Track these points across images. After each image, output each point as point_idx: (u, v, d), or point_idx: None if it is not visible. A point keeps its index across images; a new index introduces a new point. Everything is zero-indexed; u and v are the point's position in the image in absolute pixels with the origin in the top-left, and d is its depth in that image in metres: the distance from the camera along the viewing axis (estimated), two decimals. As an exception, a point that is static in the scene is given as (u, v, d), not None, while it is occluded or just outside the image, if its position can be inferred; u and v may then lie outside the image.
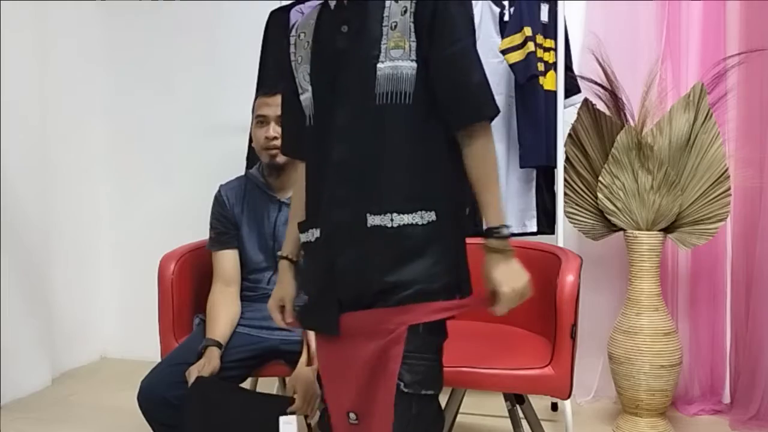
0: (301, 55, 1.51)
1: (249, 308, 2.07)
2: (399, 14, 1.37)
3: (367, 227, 1.36)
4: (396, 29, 1.37)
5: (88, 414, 2.91)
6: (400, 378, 1.35)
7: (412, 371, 1.35)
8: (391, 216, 1.35)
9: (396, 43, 1.36)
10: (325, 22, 1.47)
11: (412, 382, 1.35)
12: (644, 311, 2.51)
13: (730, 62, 2.64)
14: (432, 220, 1.37)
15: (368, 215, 1.36)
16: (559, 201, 2.59)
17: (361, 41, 1.39)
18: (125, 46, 3.61)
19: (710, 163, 2.49)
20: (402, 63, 1.36)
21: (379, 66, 1.36)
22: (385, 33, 1.37)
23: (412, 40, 1.36)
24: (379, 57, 1.37)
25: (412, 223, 1.36)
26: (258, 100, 2.10)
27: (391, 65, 1.36)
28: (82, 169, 3.58)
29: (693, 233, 2.53)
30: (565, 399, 1.98)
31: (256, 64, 2.88)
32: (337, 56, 1.42)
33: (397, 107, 1.36)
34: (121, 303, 3.70)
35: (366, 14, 1.39)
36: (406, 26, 1.36)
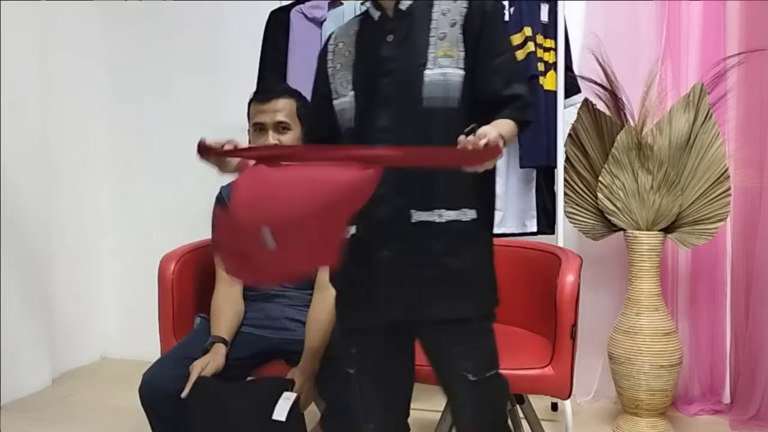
0: (340, 62, 1.59)
1: (250, 308, 2.08)
2: (448, 26, 1.49)
3: (411, 223, 1.45)
4: (445, 40, 1.48)
5: (88, 414, 2.91)
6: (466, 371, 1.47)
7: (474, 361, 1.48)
8: (440, 212, 1.45)
9: (445, 52, 1.47)
10: (369, 32, 1.57)
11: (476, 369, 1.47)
12: (644, 311, 2.51)
13: (730, 62, 2.64)
14: (473, 217, 1.48)
15: (413, 211, 1.45)
16: (559, 201, 2.59)
17: (408, 49, 1.50)
18: (126, 47, 3.61)
19: (710, 163, 2.49)
20: (451, 70, 1.46)
21: (427, 72, 1.46)
22: (432, 43, 1.48)
23: (460, 50, 1.47)
24: (427, 64, 1.47)
25: (457, 219, 1.46)
26: (253, 107, 2.08)
27: (440, 72, 1.46)
28: (83, 169, 3.58)
29: (693, 233, 2.53)
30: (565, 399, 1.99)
31: (256, 64, 2.88)
32: (382, 63, 1.51)
33: (443, 111, 1.46)
34: (121, 303, 3.70)
35: (412, 25, 1.51)
36: (456, 37, 1.48)
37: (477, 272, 1.49)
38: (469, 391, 1.48)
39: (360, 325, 1.55)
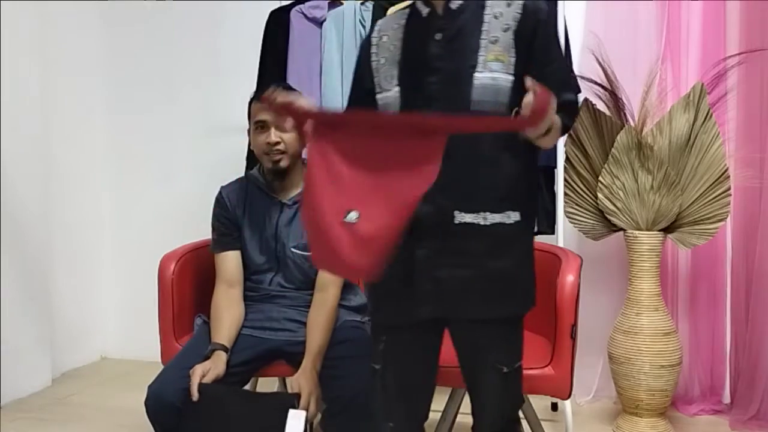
0: (385, 56, 1.58)
1: (251, 309, 2.07)
2: (500, 30, 1.47)
3: (455, 223, 1.46)
4: (496, 44, 1.47)
5: (88, 414, 2.91)
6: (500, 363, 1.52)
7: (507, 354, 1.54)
8: (484, 215, 1.46)
9: (496, 56, 1.46)
10: (416, 28, 1.56)
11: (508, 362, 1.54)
12: (644, 311, 2.51)
13: (730, 62, 2.64)
14: (517, 220, 1.49)
15: (456, 212, 1.46)
16: (559, 201, 2.59)
17: (457, 50, 1.49)
18: (126, 47, 3.61)
19: (710, 163, 2.49)
20: (500, 75, 1.46)
21: (477, 76, 1.46)
22: (483, 46, 1.47)
23: (512, 55, 1.47)
24: (476, 67, 1.46)
25: (501, 222, 1.47)
26: (254, 105, 2.08)
27: (489, 76, 1.45)
28: (83, 170, 3.58)
29: (693, 233, 2.53)
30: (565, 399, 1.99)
31: (256, 64, 2.88)
32: (429, 61, 1.50)
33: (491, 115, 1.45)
34: (121, 303, 3.70)
35: (462, 26, 1.50)
36: (508, 42, 1.47)
37: (518, 275, 1.52)
38: (499, 382, 1.54)
39: (393, 321, 1.56)
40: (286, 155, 2.03)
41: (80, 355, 3.57)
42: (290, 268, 2.07)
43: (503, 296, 1.50)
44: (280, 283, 2.08)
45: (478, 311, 1.49)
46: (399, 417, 1.61)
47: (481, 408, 1.60)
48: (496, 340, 1.52)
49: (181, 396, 1.83)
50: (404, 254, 1.46)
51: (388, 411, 1.61)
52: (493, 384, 1.55)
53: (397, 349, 1.58)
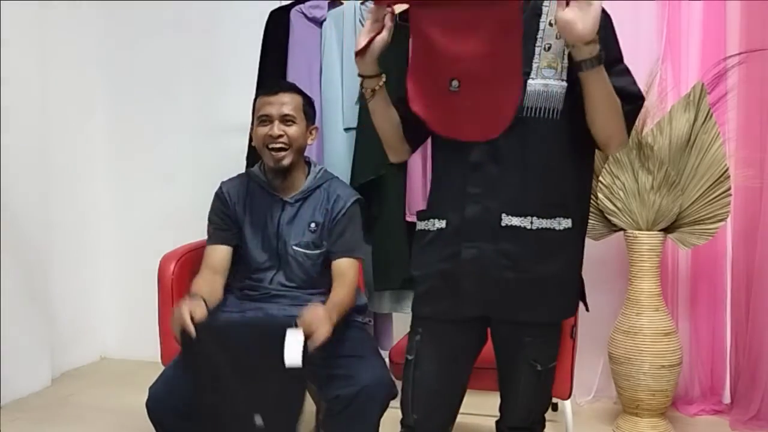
0: None
1: (250, 307, 2.07)
2: (554, 37, 1.46)
3: (501, 226, 1.46)
4: (550, 50, 1.46)
5: (88, 414, 2.91)
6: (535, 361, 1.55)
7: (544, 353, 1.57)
8: (531, 219, 1.46)
9: (549, 63, 1.46)
10: None
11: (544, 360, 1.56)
12: (644, 311, 2.51)
13: (731, 62, 2.64)
14: (568, 227, 1.49)
15: (503, 215, 1.46)
16: (559, 201, 2.59)
17: None
18: (125, 47, 3.61)
19: (710, 163, 2.49)
20: (553, 82, 1.45)
21: (530, 82, 1.45)
22: (537, 53, 1.46)
23: (564, 62, 1.45)
24: (530, 74, 1.45)
25: (550, 227, 1.47)
26: (260, 99, 2.07)
27: (542, 83, 1.45)
28: (82, 169, 3.58)
29: (693, 233, 2.53)
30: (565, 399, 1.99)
31: (256, 64, 2.87)
32: None
33: (545, 121, 1.45)
34: (121, 303, 3.70)
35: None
36: (560, 49, 1.46)
37: (563, 281, 1.52)
38: (532, 379, 1.57)
39: (434, 316, 1.57)
40: (289, 151, 2.02)
41: (80, 355, 3.57)
42: (291, 267, 2.07)
43: (548, 302, 1.51)
44: (280, 282, 2.08)
45: (522, 314, 1.51)
46: (424, 410, 1.61)
47: (512, 404, 1.62)
48: (536, 339, 1.55)
49: (182, 398, 1.82)
50: (451, 252, 1.49)
51: (415, 403, 1.61)
52: (526, 381, 1.57)
53: (431, 343, 1.59)
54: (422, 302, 1.60)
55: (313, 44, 2.76)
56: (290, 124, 2.03)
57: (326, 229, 2.06)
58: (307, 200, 2.07)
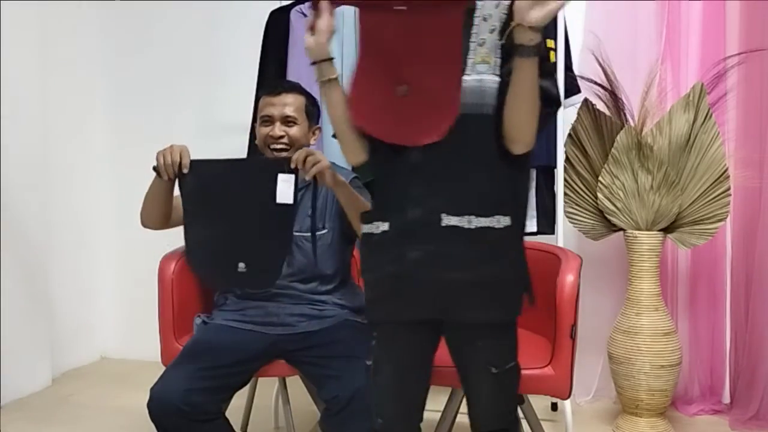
0: None
1: (250, 306, 2.07)
2: (487, 32, 1.47)
3: (441, 226, 1.45)
4: (483, 46, 1.47)
5: (88, 414, 2.91)
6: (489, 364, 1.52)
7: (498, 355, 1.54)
8: (469, 218, 1.44)
9: (483, 58, 1.46)
10: None
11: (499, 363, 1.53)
12: (644, 311, 2.51)
13: (730, 62, 2.64)
14: (507, 225, 1.47)
15: (443, 215, 1.45)
16: (559, 201, 2.59)
17: None
18: (126, 47, 3.61)
19: (710, 163, 2.49)
20: (487, 77, 1.45)
21: (465, 78, 1.45)
22: (472, 48, 1.47)
23: (497, 56, 1.46)
24: (465, 70, 1.45)
25: (489, 226, 1.46)
26: (263, 100, 2.08)
27: (476, 78, 1.45)
28: (83, 169, 3.59)
29: (693, 233, 2.53)
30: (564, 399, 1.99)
31: (256, 64, 2.87)
32: None
33: (479, 117, 1.45)
34: (121, 303, 3.70)
35: None
36: (494, 44, 1.46)
37: (508, 279, 1.51)
38: (490, 383, 1.54)
39: (386, 319, 1.57)
40: (290, 152, 2.01)
41: (80, 355, 3.57)
42: (293, 253, 2.06)
43: (492, 301, 1.49)
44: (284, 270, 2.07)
45: (467, 315, 1.50)
46: (389, 414, 1.61)
47: (475, 409, 1.60)
48: (487, 341, 1.52)
49: (184, 398, 1.83)
50: (397, 255, 1.48)
51: (380, 407, 1.61)
52: (484, 385, 1.55)
53: (388, 347, 1.59)
54: (374, 306, 1.59)
55: (313, 44, 2.76)
56: (292, 125, 2.04)
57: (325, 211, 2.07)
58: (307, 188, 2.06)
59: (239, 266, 1.88)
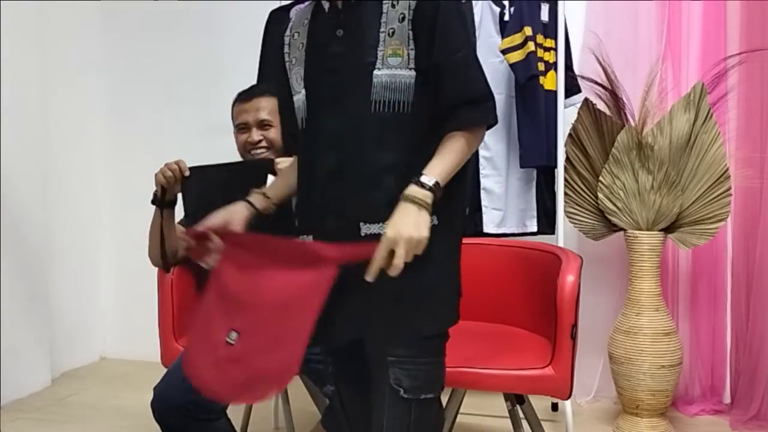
0: (295, 56, 1.48)
1: None
2: (397, 21, 1.34)
3: (361, 236, 1.34)
4: (394, 36, 1.33)
5: (88, 414, 2.91)
6: (398, 384, 1.34)
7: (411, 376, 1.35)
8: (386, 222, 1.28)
9: (394, 50, 1.33)
10: (319, 25, 1.44)
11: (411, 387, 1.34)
12: (644, 311, 2.51)
13: (731, 62, 2.64)
14: (434, 224, 1.31)
15: (362, 224, 1.35)
16: (559, 201, 2.59)
17: (356, 47, 1.36)
18: (125, 47, 3.61)
19: (710, 163, 2.49)
20: (400, 72, 1.33)
21: (376, 73, 1.34)
22: (382, 39, 1.34)
23: (410, 48, 1.33)
24: (375, 64, 1.34)
25: None
26: (236, 107, 2.11)
27: (388, 73, 1.33)
28: (83, 169, 3.58)
29: (693, 233, 2.53)
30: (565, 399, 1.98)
31: (256, 64, 2.87)
32: (331, 60, 1.39)
33: (394, 116, 1.34)
34: (121, 303, 3.69)
35: (361, 19, 1.36)
36: (405, 34, 1.33)
37: (434, 287, 1.36)
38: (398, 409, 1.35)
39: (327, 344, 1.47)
40: (270, 152, 2.06)
41: (80, 356, 3.57)
42: None
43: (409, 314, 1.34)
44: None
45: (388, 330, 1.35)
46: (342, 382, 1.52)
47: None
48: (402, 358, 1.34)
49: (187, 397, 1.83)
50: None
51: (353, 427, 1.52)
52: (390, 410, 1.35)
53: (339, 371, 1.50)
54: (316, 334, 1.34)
55: (313, 44, 2.76)
56: (268, 128, 2.06)
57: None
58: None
59: None
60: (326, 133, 1.39)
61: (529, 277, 2.12)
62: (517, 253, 2.19)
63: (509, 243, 2.27)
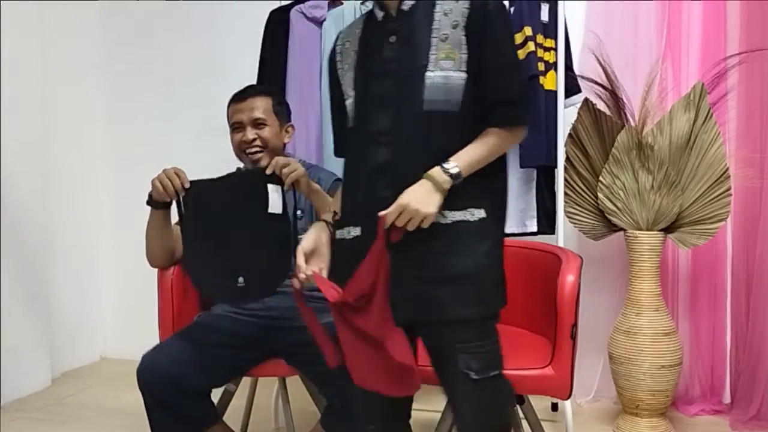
0: (348, 63, 1.59)
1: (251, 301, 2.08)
2: (450, 27, 1.45)
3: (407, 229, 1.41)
4: (447, 41, 1.45)
5: (88, 414, 2.91)
6: (468, 368, 1.45)
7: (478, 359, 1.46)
8: (443, 213, 1.42)
9: (447, 54, 1.44)
10: (373, 33, 1.56)
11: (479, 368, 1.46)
12: (644, 311, 2.51)
13: (731, 62, 2.64)
14: (482, 217, 1.45)
15: None
16: (559, 201, 2.59)
17: (409, 51, 1.47)
18: (126, 47, 3.62)
19: (710, 163, 2.49)
20: (452, 73, 1.44)
21: (428, 75, 1.44)
22: (434, 44, 1.45)
23: (462, 52, 1.45)
24: (428, 66, 1.44)
25: (464, 219, 1.44)
26: (231, 107, 2.14)
27: (441, 74, 1.44)
28: (83, 170, 3.59)
29: (693, 233, 2.53)
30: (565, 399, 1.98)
31: (256, 64, 2.87)
32: (384, 65, 1.50)
33: (445, 114, 1.44)
34: (121, 303, 3.70)
35: (414, 26, 1.48)
36: (458, 39, 1.45)
37: (484, 273, 1.46)
38: (471, 390, 1.47)
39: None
40: (265, 152, 2.08)
41: (80, 356, 3.57)
42: None
43: (468, 296, 1.44)
44: None
45: (444, 313, 1.44)
46: (380, 418, 1.60)
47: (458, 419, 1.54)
48: (465, 344, 1.46)
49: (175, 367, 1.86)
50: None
51: (369, 414, 1.60)
52: (464, 392, 1.49)
53: None
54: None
55: (313, 44, 2.76)
56: (262, 127, 2.09)
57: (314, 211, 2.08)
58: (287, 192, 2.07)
59: (239, 281, 1.92)
60: (376, 131, 1.48)
61: (529, 277, 2.12)
62: (517, 253, 2.19)
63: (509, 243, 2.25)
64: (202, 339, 1.97)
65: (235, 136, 2.11)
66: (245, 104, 2.10)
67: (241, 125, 2.10)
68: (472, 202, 1.45)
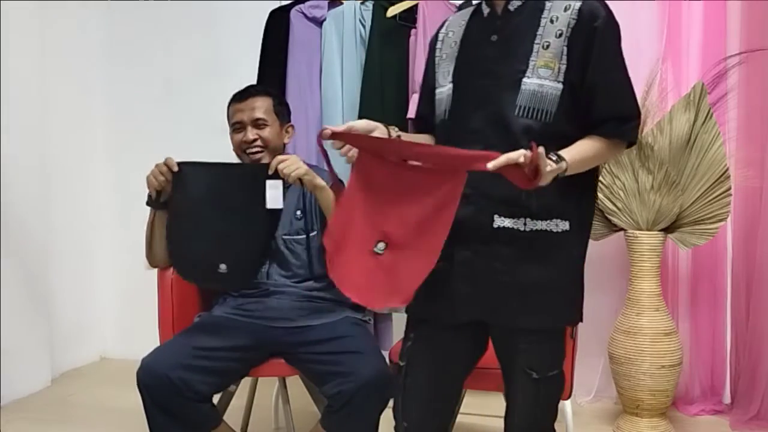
0: (446, 52, 1.58)
1: (250, 301, 2.07)
2: (553, 36, 1.42)
3: (493, 227, 1.43)
4: (548, 49, 1.42)
5: (88, 414, 2.91)
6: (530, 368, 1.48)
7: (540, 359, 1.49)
8: (525, 220, 1.42)
9: (546, 62, 1.42)
10: (476, 28, 1.54)
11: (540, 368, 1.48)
12: (645, 311, 2.51)
13: (731, 62, 2.64)
14: (565, 229, 1.44)
15: (496, 216, 1.43)
16: (559, 201, 2.59)
17: (510, 53, 1.45)
18: (125, 47, 3.62)
19: (711, 163, 2.49)
20: (548, 83, 1.41)
21: (525, 81, 1.42)
22: (535, 50, 1.43)
23: (562, 62, 1.41)
24: (526, 72, 1.42)
25: (546, 229, 1.43)
26: (231, 107, 2.14)
27: (537, 82, 1.41)
28: (83, 169, 3.59)
29: (693, 233, 2.53)
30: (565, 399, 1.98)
31: (256, 64, 2.87)
32: (483, 62, 1.48)
33: (536, 123, 1.41)
34: (121, 303, 3.69)
35: (518, 28, 1.46)
36: (560, 49, 1.41)
37: (559, 285, 1.46)
38: (530, 388, 1.50)
39: (427, 319, 1.54)
40: (265, 152, 2.09)
41: (80, 355, 3.57)
42: (285, 256, 2.09)
43: (544, 307, 1.45)
44: (279, 273, 2.09)
45: (514, 319, 1.45)
46: (415, 418, 1.58)
47: (512, 414, 1.56)
48: (532, 345, 1.48)
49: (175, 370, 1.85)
50: (444, 254, 1.41)
51: (406, 411, 1.58)
52: (524, 391, 1.51)
53: (424, 350, 1.56)
54: (416, 305, 1.51)
55: (313, 44, 2.77)
56: (263, 127, 2.10)
57: (313, 212, 2.09)
58: (289, 189, 2.06)
59: (220, 267, 1.98)
60: (468, 128, 1.48)
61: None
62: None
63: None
64: (203, 341, 1.96)
65: (236, 136, 2.12)
66: (246, 104, 2.10)
67: (241, 125, 2.10)
68: (559, 214, 1.44)
